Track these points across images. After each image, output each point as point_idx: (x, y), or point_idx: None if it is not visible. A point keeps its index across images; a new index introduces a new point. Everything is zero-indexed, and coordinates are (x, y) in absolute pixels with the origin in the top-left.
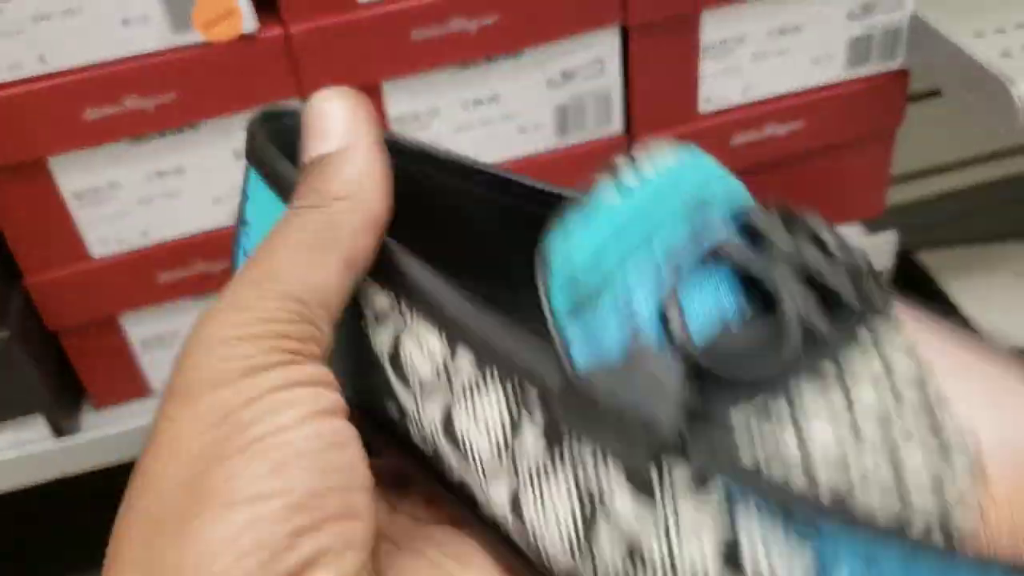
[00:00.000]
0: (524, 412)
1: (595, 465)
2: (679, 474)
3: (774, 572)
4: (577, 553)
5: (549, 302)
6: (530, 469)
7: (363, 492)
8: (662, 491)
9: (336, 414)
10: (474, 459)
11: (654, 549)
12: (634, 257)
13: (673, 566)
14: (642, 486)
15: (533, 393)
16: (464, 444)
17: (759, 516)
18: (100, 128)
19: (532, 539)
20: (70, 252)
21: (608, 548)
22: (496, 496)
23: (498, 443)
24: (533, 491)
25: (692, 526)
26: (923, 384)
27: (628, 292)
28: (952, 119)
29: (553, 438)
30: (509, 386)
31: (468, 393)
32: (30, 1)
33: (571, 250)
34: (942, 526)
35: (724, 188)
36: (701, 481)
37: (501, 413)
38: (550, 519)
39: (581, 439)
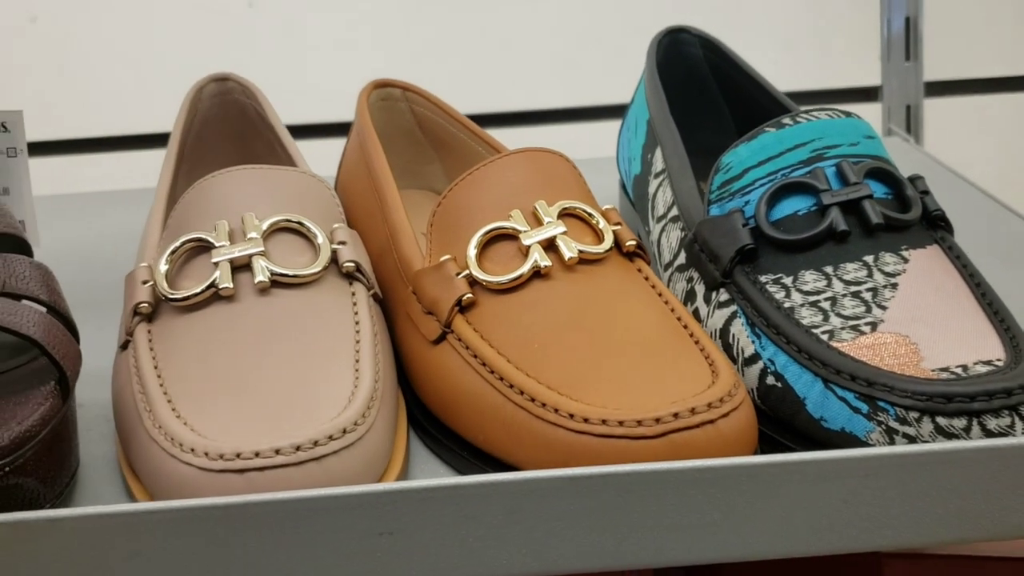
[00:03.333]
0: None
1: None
2: (722, 293)
3: (742, 348)
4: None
5: (711, 181)
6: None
7: None
8: (715, 297)
9: None
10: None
11: (703, 318)
12: (764, 167)
13: (705, 327)
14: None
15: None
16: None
17: (744, 323)
18: None
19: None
20: None
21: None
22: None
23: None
24: (669, 272)
25: (720, 317)
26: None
27: (749, 188)
28: None
29: (687, 243)
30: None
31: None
32: None
33: (734, 154)
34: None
35: (853, 145)
36: (730, 301)
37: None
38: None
39: (700, 249)
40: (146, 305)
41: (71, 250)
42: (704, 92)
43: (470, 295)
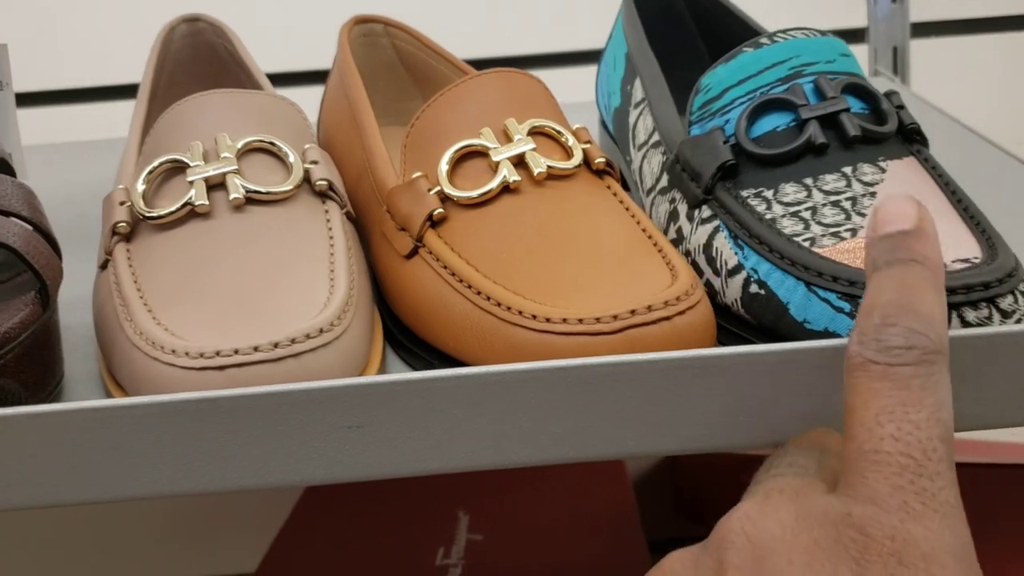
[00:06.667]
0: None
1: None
2: (705, 210)
3: (725, 261)
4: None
5: (691, 102)
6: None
7: None
8: (698, 215)
9: None
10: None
11: (686, 235)
12: (743, 86)
13: (688, 245)
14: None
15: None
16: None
17: (727, 236)
18: None
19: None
20: None
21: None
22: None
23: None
24: (651, 196)
25: (704, 233)
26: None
27: (729, 107)
28: None
29: (669, 165)
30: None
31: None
32: None
33: (713, 75)
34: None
35: (830, 62)
36: (713, 216)
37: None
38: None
39: (681, 169)
40: (124, 225)
41: (55, 190)
42: (680, 28)
43: (441, 210)
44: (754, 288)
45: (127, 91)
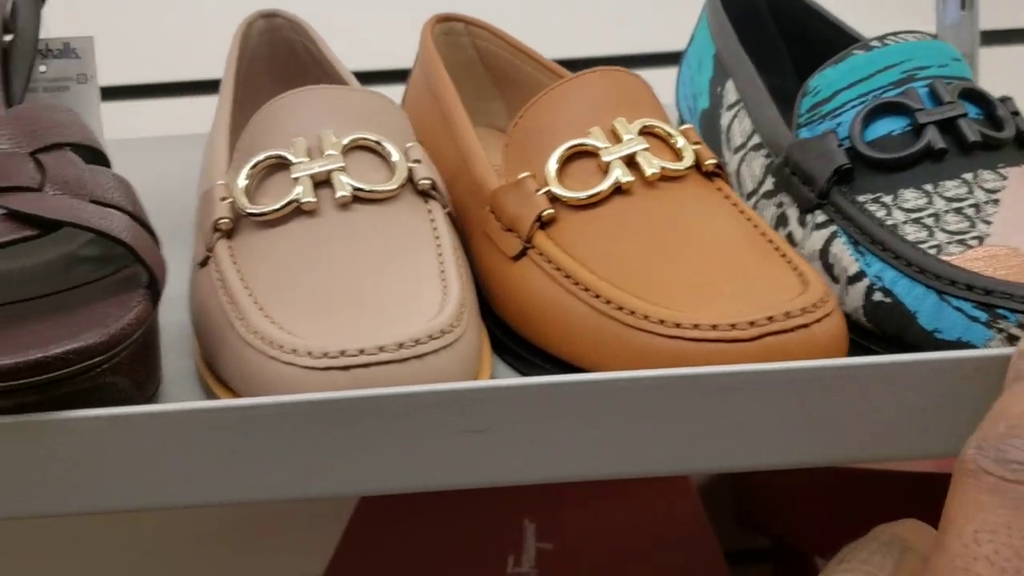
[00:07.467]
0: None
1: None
2: (819, 215)
3: (844, 268)
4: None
5: (799, 104)
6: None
7: None
8: (811, 220)
9: None
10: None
11: (798, 241)
12: (854, 89)
13: (800, 251)
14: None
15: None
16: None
17: (846, 242)
18: None
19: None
20: None
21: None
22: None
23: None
24: (753, 200)
25: (819, 238)
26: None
27: (840, 110)
28: None
29: (776, 168)
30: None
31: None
32: None
33: (822, 77)
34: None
35: (943, 67)
36: (829, 221)
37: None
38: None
39: (791, 172)
40: (226, 221)
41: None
42: (761, 30)
43: (551, 211)
44: (878, 296)
45: (193, 87)
